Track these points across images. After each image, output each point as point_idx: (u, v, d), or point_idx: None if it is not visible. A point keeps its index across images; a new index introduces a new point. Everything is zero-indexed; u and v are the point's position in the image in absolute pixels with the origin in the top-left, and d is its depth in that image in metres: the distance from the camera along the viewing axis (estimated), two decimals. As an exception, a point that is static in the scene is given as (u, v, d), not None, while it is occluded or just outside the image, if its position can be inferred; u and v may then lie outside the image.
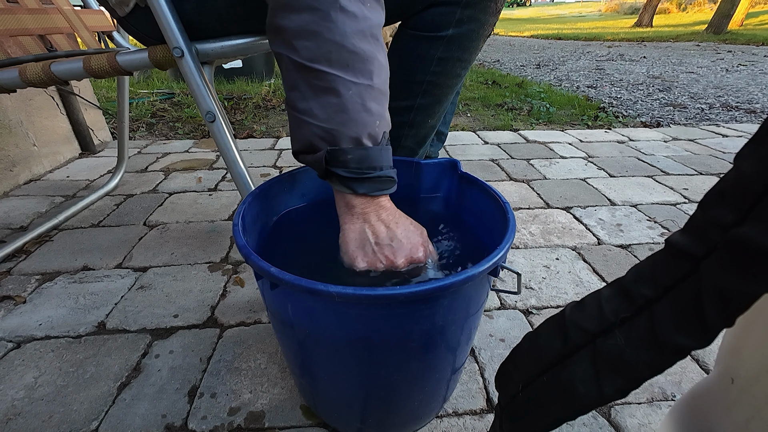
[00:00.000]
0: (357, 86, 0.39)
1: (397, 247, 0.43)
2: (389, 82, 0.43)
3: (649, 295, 0.22)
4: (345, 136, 0.39)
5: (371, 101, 0.40)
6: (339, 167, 0.40)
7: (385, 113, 0.42)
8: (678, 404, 0.34)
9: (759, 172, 0.17)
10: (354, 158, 0.40)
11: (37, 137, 1.27)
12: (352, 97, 0.39)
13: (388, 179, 0.42)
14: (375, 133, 0.41)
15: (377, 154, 0.41)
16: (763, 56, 4.09)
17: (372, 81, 0.39)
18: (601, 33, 7.14)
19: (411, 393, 0.44)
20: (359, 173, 0.40)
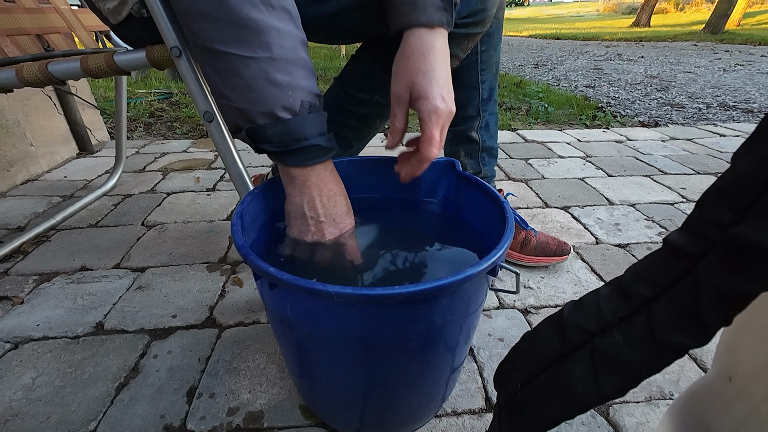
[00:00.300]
0: (256, 61, 0.37)
1: (324, 225, 0.45)
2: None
3: (647, 294, 0.22)
4: (258, 113, 0.39)
5: (277, 73, 0.38)
6: (264, 143, 0.41)
7: (300, 82, 0.40)
8: (676, 403, 0.34)
9: (756, 171, 0.17)
10: (274, 133, 0.40)
11: (34, 137, 1.27)
12: (253, 74, 0.38)
13: (317, 148, 0.41)
14: (290, 105, 0.39)
15: (297, 125, 0.40)
16: (760, 56, 4.11)
17: (272, 52, 0.38)
18: (599, 33, 7.15)
19: (410, 392, 0.44)
20: (284, 146, 0.40)
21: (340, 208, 0.46)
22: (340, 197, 0.46)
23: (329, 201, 0.45)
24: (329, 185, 0.44)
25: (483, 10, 0.56)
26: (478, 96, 0.76)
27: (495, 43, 0.73)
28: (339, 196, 0.46)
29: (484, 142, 0.80)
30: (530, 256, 0.81)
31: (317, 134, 0.41)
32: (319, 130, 0.42)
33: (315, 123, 0.41)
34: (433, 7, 0.43)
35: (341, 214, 0.46)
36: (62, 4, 0.90)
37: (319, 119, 0.42)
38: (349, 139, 0.69)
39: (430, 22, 0.43)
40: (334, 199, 0.45)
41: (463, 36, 0.58)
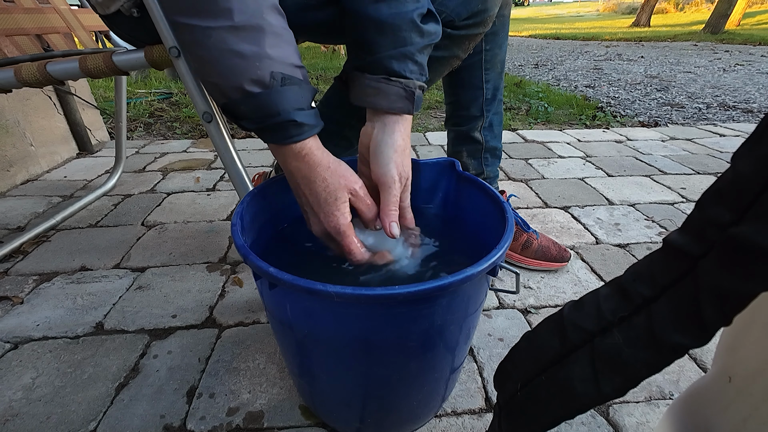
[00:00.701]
0: (217, 31, 0.35)
1: (312, 215, 0.42)
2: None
3: (647, 294, 0.22)
4: (228, 87, 0.37)
5: (240, 43, 0.35)
6: (241, 119, 0.38)
7: (267, 50, 0.36)
8: (676, 403, 0.34)
9: (756, 171, 0.17)
10: (247, 109, 0.37)
11: (34, 137, 1.27)
12: (215, 44, 0.35)
13: (292, 124, 0.38)
14: (258, 77, 0.36)
15: (267, 99, 0.37)
16: (760, 56, 4.11)
17: (233, 20, 0.35)
18: (599, 33, 7.15)
19: (410, 392, 0.44)
20: (259, 122, 0.38)
21: (318, 197, 0.41)
22: (319, 183, 0.41)
23: (307, 187, 0.42)
24: (305, 170, 0.41)
25: (484, 11, 0.56)
26: (482, 96, 0.75)
27: (500, 42, 0.73)
28: (317, 182, 0.41)
29: (488, 142, 0.79)
30: (531, 259, 0.81)
31: (293, 109, 0.38)
32: (296, 105, 0.38)
33: (290, 96, 0.38)
34: (396, 95, 0.45)
35: (320, 203, 0.41)
36: (61, 4, 0.90)
37: (297, 92, 0.38)
38: (350, 138, 0.69)
39: (392, 109, 0.45)
40: (310, 186, 0.41)
41: (464, 37, 0.58)
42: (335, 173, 0.41)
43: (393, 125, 0.45)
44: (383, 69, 0.44)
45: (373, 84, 0.44)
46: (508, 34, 0.74)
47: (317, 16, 0.53)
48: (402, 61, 0.45)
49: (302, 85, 0.39)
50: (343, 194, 0.42)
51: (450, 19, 0.54)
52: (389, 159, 0.44)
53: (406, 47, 0.44)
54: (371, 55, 0.44)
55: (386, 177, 0.44)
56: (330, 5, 0.52)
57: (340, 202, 0.41)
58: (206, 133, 1.71)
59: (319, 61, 3.51)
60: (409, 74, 0.45)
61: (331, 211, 0.41)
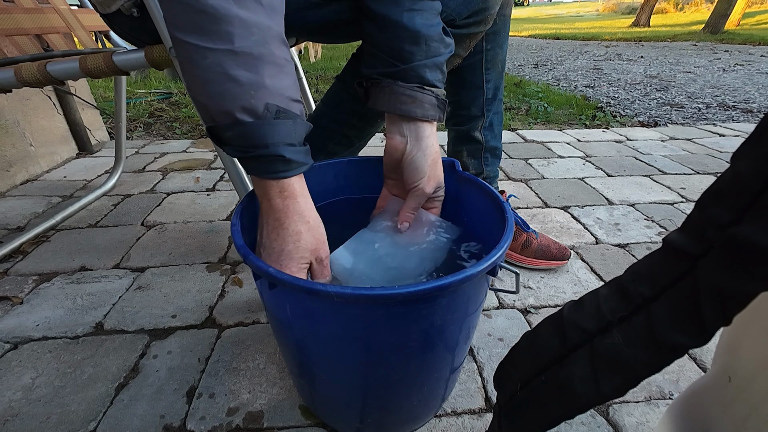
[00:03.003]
0: (214, 53, 0.33)
1: (264, 256, 0.39)
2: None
3: (646, 294, 0.22)
4: (216, 111, 0.35)
5: (237, 68, 0.34)
6: (224, 144, 0.37)
7: (266, 81, 0.35)
8: (675, 402, 0.34)
9: (755, 171, 0.17)
10: (233, 135, 0.36)
11: (34, 137, 1.27)
12: (210, 66, 0.34)
13: (279, 158, 0.36)
14: (252, 106, 0.35)
15: (257, 129, 0.35)
16: (759, 56, 4.11)
17: (233, 44, 0.33)
18: (599, 33, 7.15)
19: (410, 392, 0.44)
20: (242, 151, 0.36)
21: (283, 247, 0.38)
22: (291, 235, 0.38)
23: (275, 231, 0.39)
24: (281, 214, 0.38)
25: (485, 9, 0.56)
26: (482, 95, 0.75)
27: (501, 42, 0.73)
28: (288, 232, 0.38)
29: (488, 142, 0.79)
30: (531, 258, 0.81)
31: (282, 143, 0.36)
32: (287, 140, 0.37)
33: (282, 130, 0.36)
34: (429, 104, 0.46)
35: (282, 253, 0.39)
36: (61, 4, 0.90)
37: (290, 127, 0.37)
38: (351, 137, 0.69)
39: (426, 117, 0.46)
40: (279, 232, 0.39)
41: (465, 36, 0.58)
42: (311, 231, 0.39)
43: (426, 133, 0.47)
44: (417, 78, 0.45)
45: (408, 92, 0.45)
46: (508, 34, 0.74)
47: (319, 15, 0.52)
48: (433, 70, 0.46)
49: (297, 121, 0.38)
50: (308, 255, 0.39)
51: (451, 18, 0.54)
52: (425, 171, 0.47)
53: (437, 57, 0.46)
54: (404, 63, 0.45)
55: (418, 189, 0.48)
56: (332, 3, 0.51)
57: (302, 262, 0.39)
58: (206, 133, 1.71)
59: (318, 61, 3.51)
60: (438, 83, 0.47)
61: (287, 265, 0.38)
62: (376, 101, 0.47)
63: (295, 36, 0.59)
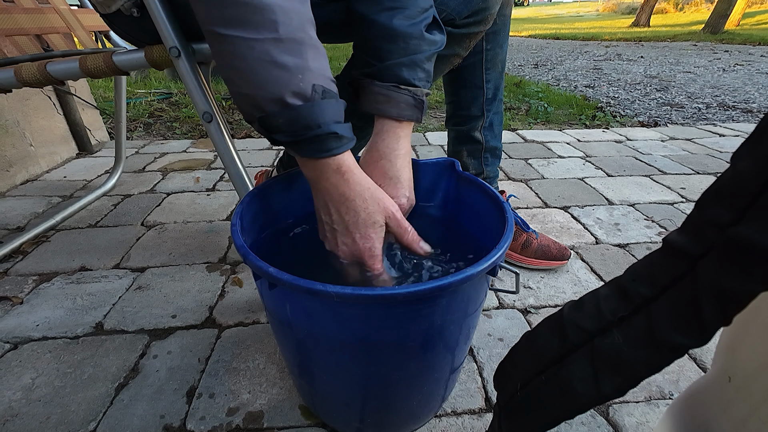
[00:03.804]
0: (260, 43, 0.34)
1: (344, 236, 0.41)
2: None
3: (646, 294, 0.22)
4: (266, 99, 0.36)
5: (283, 55, 0.35)
6: (276, 132, 0.38)
7: (309, 63, 0.36)
8: (675, 403, 0.34)
9: (755, 171, 0.17)
10: (285, 121, 0.37)
11: (33, 137, 1.27)
12: (257, 56, 0.35)
13: (332, 136, 0.38)
14: (301, 89, 0.36)
15: (308, 111, 0.36)
16: (759, 56, 4.11)
17: (278, 32, 0.34)
18: (599, 33, 7.15)
19: (410, 392, 0.44)
20: (296, 135, 0.37)
21: (357, 217, 0.40)
22: (359, 203, 0.40)
23: (343, 206, 0.40)
24: (344, 187, 0.40)
25: (485, 9, 0.56)
26: (482, 95, 0.75)
27: (501, 42, 0.73)
28: (356, 202, 0.40)
29: (488, 142, 0.79)
30: (531, 258, 0.81)
31: (332, 122, 0.38)
32: (335, 117, 0.38)
33: (329, 109, 0.38)
34: (405, 103, 0.45)
35: (358, 224, 0.40)
36: (61, 4, 0.90)
37: (335, 105, 0.38)
38: None
39: (401, 117, 0.45)
40: (348, 205, 0.40)
41: (465, 35, 0.58)
42: (374, 195, 0.41)
43: (399, 132, 0.46)
44: (393, 77, 0.45)
45: (383, 92, 0.45)
46: (508, 34, 0.74)
47: (318, 15, 0.52)
48: (412, 68, 0.45)
49: (337, 98, 0.39)
50: (381, 218, 0.41)
51: (451, 17, 0.54)
52: (398, 165, 0.46)
53: (415, 55, 0.45)
54: (381, 62, 0.44)
55: (392, 181, 0.46)
56: (331, 3, 0.51)
57: (377, 226, 0.41)
58: (206, 133, 1.71)
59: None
60: (418, 82, 0.46)
61: (368, 234, 0.41)
62: (361, 101, 0.47)
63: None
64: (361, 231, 0.41)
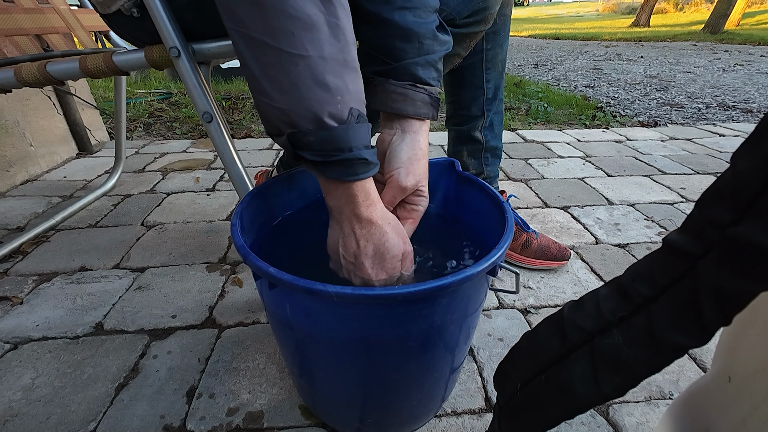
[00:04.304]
0: (305, 59, 0.34)
1: (359, 268, 0.41)
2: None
3: (646, 294, 0.22)
4: (302, 116, 0.36)
5: (327, 74, 0.35)
6: (304, 150, 0.37)
7: (350, 86, 0.37)
8: (675, 403, 0.34)
9: (755, 171, 0.17)
10: (316, 140, 0.36)
11: (33, 137, 1.27)
12: (301, 72, 0.34)
13: (361, 161, 0.37)
14: (337, 112, 0.36)
15: (343, 134, 0.36)
16: (759, 56, 4.11)
17: (323, 51, 0.34)
18: (599, 33, 7.15)
19: (410, 392, 0.44)
20: (325, 156, 0.37)
21: (384, 249, 0.40)
22: (389, 236, 0.40)
23: (371, 237, 0.40)
24: (366, 212, 0.39)
25: (485, 9, 0.56)
26: (482, 95, 0.75)
27: (501, 41, 0.73)
28: (386, 236, 0.40)
29: (488, 142, 0.79)
30: (531, 258, 0.81)
31: (363, 146, 0.37)
32: (365, 142, 0.38)
33: (362, 133, 0.37)
34: (422, 102, 0.45)
35: (384, 256, 0.40)
36: (61, 4, 0.90)
37: (366, 130, 0.38)
38: None
39: (418, 115, 0.45)
40: (376, 237, 0.40)
41: (465, 35, 0.58)
42: (396, 229, 0.41)
43: (415, 129, 0.46)
44: (409, 76, 0.45)
45: (399, 90, 0.45)
46: (509, 34, 0.74)
47: None
48: (426, 68, 0.45)
49: (367, 123, 0.39)
50: (399, 254, 0.41)
51: (451, 17, 0.54)
52: (402, 161, 0.45)
53: (429, 55, 0.45)
54: (396, 61, 0.44)
55: (393, 179, 0.45)
56: None
57: (396, 261, 0.41)
58: (206, 133, 1.71)
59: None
60: (432, 81, 0.46)
61: (385, 267, 0.40)
62: (370, 101, 0.47)
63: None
64: (380, 263, 0.40)
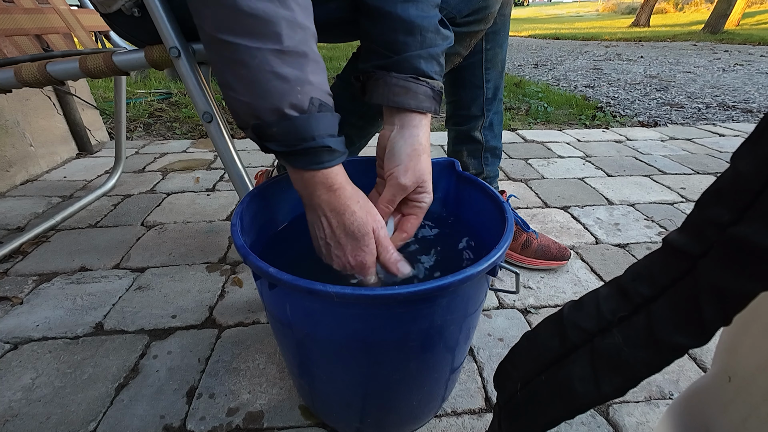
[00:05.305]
0: (263, 52, 0.35)
1: (336, 249, 0.41)
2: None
3: (646, 294, 0.22)
4: (264, 108, 0.37)
5: (284, 66, 0.36)
6: (269, 141, 0.38)
7: (309, 77, 0.37)
8: (675, 402, 0.34)
9: (755, 171, 0.17)
10: (279, 131, 0.37)
11: (33, 137, 1.27)
12: (259, 65, 0.36)
13: (325, 150, 0.38)
14: (299, 102, 0.37)
15: (304, 123, 0.37)
16: (759, 56, 4.11)
17: (281, 44, 0.36)
18: (599, 33, 7.15)
19: (410, 392, 0.44)
20: (289, 146, 0.38)
21: (347, 230, 0.41)
22: (348, 217, 0.41)
23: (335, 219, 0.41)
24: (335, 202, 0.40)
25: (485, 8, 0.56)
26: (482, 95, 0.75)
27: (500, 41, 0.73)
28: (346, 215, 0.41)
29: (488, 142, 0.79)
30: (531, 258, 0.81)
31: (326, 135, 0.38)
32: (329, 131, 0.39)
33: (325, 122, 0.38)
34: (424, 95, 0.45)
35: (348, 237, 0.41)
36: (61, 4, 0.90)
37: (330, 119, 0.39)
38: (351, 136, 0.69)
39: (419, 108, 0.45)
40: (339, 218, 0.41)
41: (465, 34, 0.58)
42: (364, 208, 0.42)
43: (414, 123, 0.46)
44: (411, 68, 0.44)
45: (401, 83, 0.44)
46: (508, 34, 0.74)
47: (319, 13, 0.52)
48: (429, 61, 0.45)
49: (333, 113, 0.40)
50: (370, 231, 0.41)
51: (451, 15, 0.54)
52: (401, 159, 0.45)
53: (431, 48, 0.45)
54: (398, 54, 0.44)
55: (393, 177, 0.45)
56: (332, 1, 0.51)
57: (368, 239, 0.41)
58: (206, 133, 1.71)
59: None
60: (435, 75, 0.46)
61: (359, 246, 0.41)
62: (372, 94, 0.47)
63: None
64: (353, 244, 0.41)
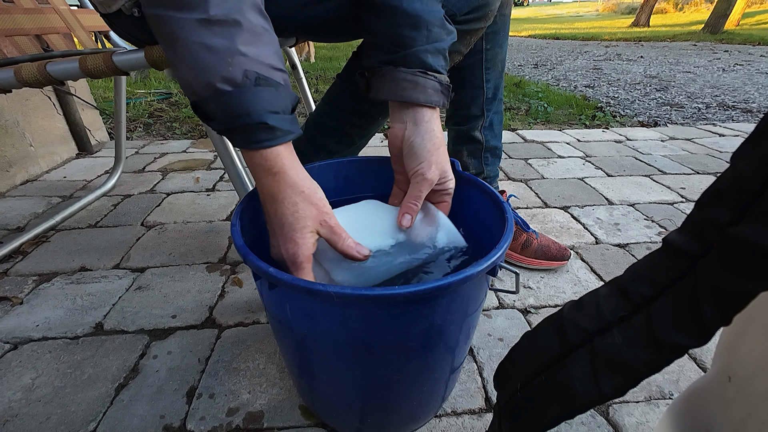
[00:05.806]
0: (190, 23, 0.33)
1: (272, 237, 0.39)
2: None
3: (646, 294, 0.22)
4: (198, 83, 0.35)
5: (213, 37, 0.33)
6: (209, 120, 0.36)
7: (241, 47, 0.34)
8: (675, 402, 0.34)
9: (755, 171, 0.17)
10: (216, 108, 0.35)
11: (33, 137, 1.27)
12: (187, 36, 0.33)
13: (262, 126, 0.35)
14: (230, 74, 0.34)
15: (238, 98, 0.34)
16: (759, 56, 4.11)
17: (208, 13, 0.33)
18: (599, 33, 7.15)
19: (410, 392, 0.44)
20: (226, 123, 0.36)
21: (283, 220, 0.38)
22: (287, 206, 0.37)
23: (272, 206, 0.38)
24: (274, 188, 0.37)
25: (485, 5, 0.56)
26: (482, 95, 0.75)
27: (500, 41, 0.73)
28: (285, 204, 0.37)
29: (488, 142, 0.79)
30: (531, 258, 0.81)
31: (265, 111, 0.35)
32: (269, 107, 0.36)
33: (263, 97, 0.35)
34: (432, 89, 0.45)
35: (283, 226, 0.38)
36: (61, 4, 0.90)
37: (272, 94, 0.36)
38: (352, 135, 0.69)
39: (429, 102, 0.45)
40: (276, 206, 0.38)
41: (466, 32, 0.58)
42: (307, 198, 0.38)
43: (426, 118, 0.45)
44: (419, 63, 0.44)
45: (410, 77, 0.44)
46: (508, 34, 0.74)
47: (319, 12, 0.52)
48: (436, 55, 0.45)
49: (280, 89, 0.37)
50: (310, 223, 0.38)
51: (451, 13, 0.54)
52: (423, 156, 0.45)
53: (437, 43, 0.45)
54: (405, 49, 0.44)
55: (419, 175, 0.45)
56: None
57: (305, 231, 0.38)
58: (206, 133, 1.70)
59: (318, 62, 3.51)
60: (441, 69, 0.46)
61: (292, 237, 0.38)
62: (378, 90, 0.46)
63: (295, 35, 0.59)
64: (287, 235, 0.38)
